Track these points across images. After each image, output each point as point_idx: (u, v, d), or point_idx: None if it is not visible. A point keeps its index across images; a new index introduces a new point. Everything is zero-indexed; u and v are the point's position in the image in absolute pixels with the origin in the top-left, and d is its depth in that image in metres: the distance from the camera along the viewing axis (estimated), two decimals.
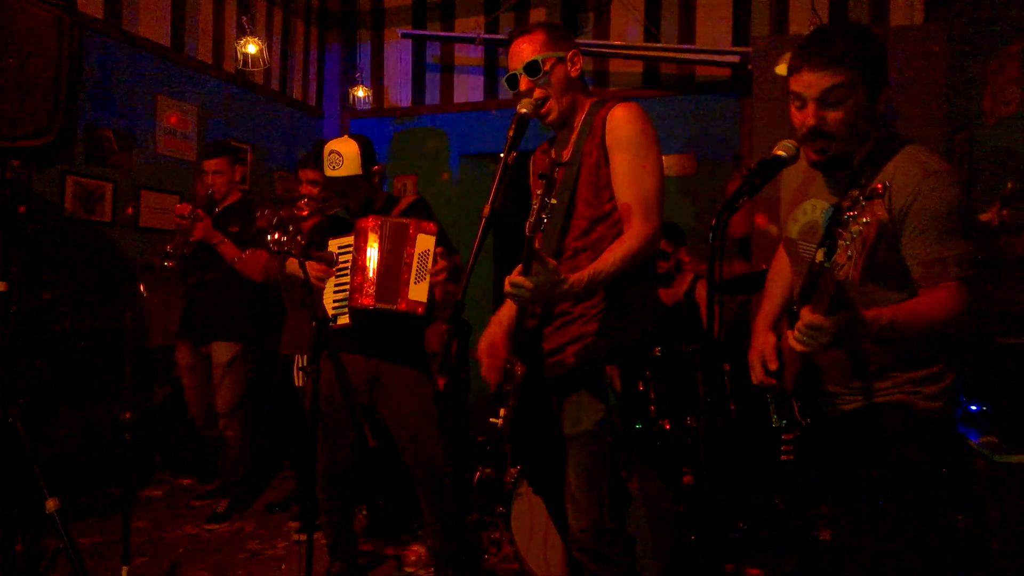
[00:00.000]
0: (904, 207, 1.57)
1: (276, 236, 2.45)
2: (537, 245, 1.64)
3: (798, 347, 1.48)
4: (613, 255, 1.84)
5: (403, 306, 2.55)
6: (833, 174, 1.71)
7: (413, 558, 3.23)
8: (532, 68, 1.95)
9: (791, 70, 1.63)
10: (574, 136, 2.02)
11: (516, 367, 2.04)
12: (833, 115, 1.58)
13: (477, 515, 3.50)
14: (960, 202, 1.57)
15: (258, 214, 3.42)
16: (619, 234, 1.91)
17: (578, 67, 2.02)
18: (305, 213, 2.73)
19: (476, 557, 3.10)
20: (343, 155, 2.64)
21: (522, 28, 2.02)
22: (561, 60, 1.98)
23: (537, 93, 1.97)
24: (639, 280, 1.95)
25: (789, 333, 1.53)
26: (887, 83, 1.65)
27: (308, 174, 3.69)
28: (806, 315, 1.44)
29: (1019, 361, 2.50)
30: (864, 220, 1.31)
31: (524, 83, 1.97)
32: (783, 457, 1.86)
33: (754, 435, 2.94)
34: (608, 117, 1.93)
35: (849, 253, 1.34)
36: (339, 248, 2.70)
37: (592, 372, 1.98)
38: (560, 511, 2.19)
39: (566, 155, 2.03)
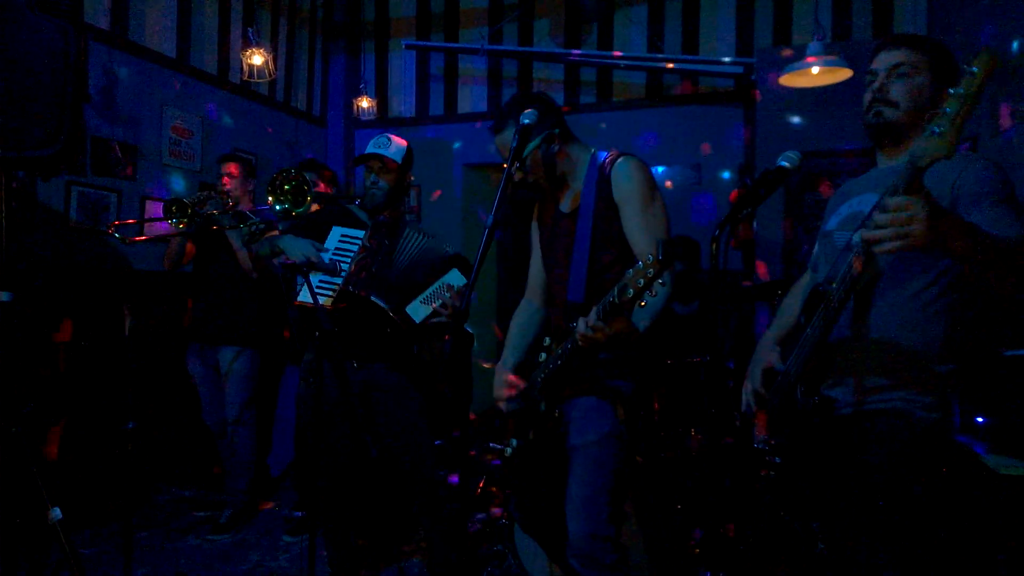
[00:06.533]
0: (955, 184, 1.63)
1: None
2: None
3: (876, 239, 1.35)
4: (653, 307, 1.96)
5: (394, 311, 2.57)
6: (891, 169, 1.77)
7: (415, 571, 3.21)
8: (520, 161, 2.10)
9: (872, 56, 1.84)
10: (578, 187, 2.15)
11: (543, 404, 2.11)
12: (897, 86, 1.77)
13: (479, 526, 3.48)
14: (1006, 178, 1.63)
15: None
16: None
17: (557, 144, 2.15)
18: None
19: (477, 570, 3.09)
20: (392, 142, 2.77)
21: (496, 123, 2.20)
22: (537, 146, 2.11)
23: (528, 177, 2.16)
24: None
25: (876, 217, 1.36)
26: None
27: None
28: (889, 199, 1.35)
29: None
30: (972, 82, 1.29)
31: (519, 176, 2.15)
32: (763, 472, 1.85)
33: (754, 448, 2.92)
34: (612, 174, 2.07)
35: (941, 128, 1.30)
36: (342, 237, 2.73)
37: (604, 392, 2.06)
38: (549, 536, 2.20)
39: (571, 205, 2.16)
